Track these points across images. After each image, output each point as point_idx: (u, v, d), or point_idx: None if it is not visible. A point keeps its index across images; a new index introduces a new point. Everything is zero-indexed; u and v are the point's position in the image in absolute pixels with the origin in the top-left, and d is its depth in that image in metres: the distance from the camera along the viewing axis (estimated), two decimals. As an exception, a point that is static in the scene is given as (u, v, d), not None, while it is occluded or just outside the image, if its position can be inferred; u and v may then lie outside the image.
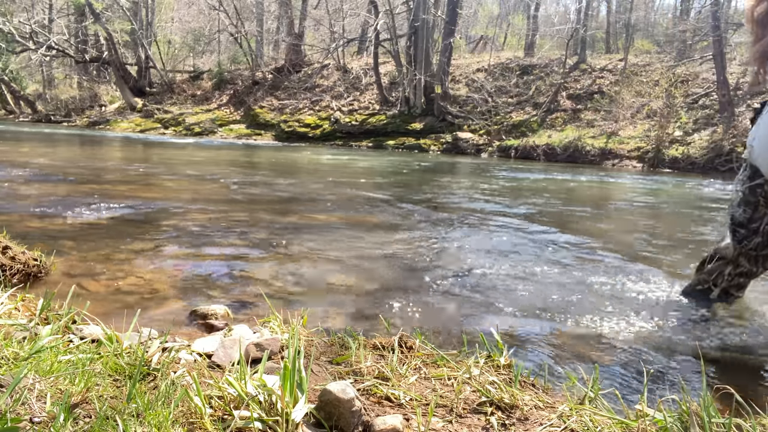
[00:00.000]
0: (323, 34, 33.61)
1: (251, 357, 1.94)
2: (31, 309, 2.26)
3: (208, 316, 2.59)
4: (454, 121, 22.52)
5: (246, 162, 13.13)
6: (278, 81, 28.05)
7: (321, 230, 4.95)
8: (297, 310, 2.72)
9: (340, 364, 1.96)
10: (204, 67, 33.95)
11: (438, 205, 7.07)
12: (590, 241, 5.09)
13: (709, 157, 16.62)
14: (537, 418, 1.64)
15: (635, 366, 2.38)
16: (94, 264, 3.44)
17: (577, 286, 3.53)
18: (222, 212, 5.58)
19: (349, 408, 1.50)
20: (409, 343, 2.11)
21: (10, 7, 30.47)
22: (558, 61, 24.70)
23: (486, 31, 37.81)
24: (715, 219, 7.05)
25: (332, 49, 27.72)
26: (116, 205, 5.55)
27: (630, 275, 3.80)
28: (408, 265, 3.88)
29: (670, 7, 39.63)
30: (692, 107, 19.44)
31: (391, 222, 5.59)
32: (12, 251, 2.94)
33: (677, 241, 5.41)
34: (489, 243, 4.77)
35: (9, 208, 5.13)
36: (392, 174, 11.73)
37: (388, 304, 3.05)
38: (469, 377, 1.85)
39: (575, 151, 19.07)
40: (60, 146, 14.50)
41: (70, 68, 36.18)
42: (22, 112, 31.59)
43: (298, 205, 6.41)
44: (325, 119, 24.50)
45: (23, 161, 9.40)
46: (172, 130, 25.77)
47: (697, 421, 1.49)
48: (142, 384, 1.63)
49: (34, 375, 1.54)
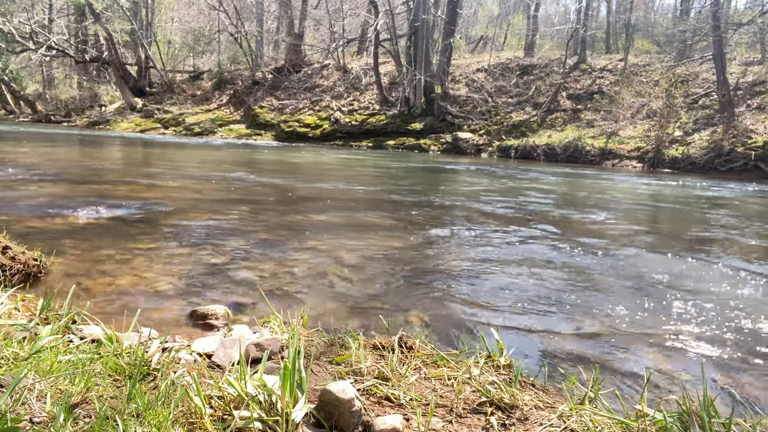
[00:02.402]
0: (323, 34, 33.62)
1: (251, 357, 1.94)
2: (31, 309, 2.26)
3: (208, 316, 2.59)
4: (454, 121, 22.53)
5: (246, 162, 13.13)
6: (278, 81, 28.06)
7: (321, 230, 4.95)
8: (297, 310, 2.72)
9: (340, 364, 1.96)
10: (204, 67, 33.96)
11: (438, 205, 7.07)
12: (591, 243, 5.09)
13: (709, 157, 16.62)
14: (537, 418, 1.64)
15: (635, 365, 2.38)
16: (94, 264, 3.44)
17: (581, 284, 3.53)
18: (222, 212, 5.58)
19: (349, 408, 1.50)
20: (409, 343, 2.11)
21: (10, 7, 30.47)
22: (558, 61, 24.71)
23: (486, 31, 37.80)
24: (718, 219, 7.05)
25: (332, 49, 27.71)
26: (116, 205, 5.55)
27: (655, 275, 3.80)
28: (408, 265, 3.88)
29: (670, 7, 39.64)
30: (692, 107, 19.44)
31: (392, 222, 5.59)
32: (12, 251, 2.94)
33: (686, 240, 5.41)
34: (489, 243, 4.76)
35: (9, 208, 5.13)
36: (392, 174, 11.73)
37: (388, 303, 3.05)
38: (469, 377, 1.85)
39: (575, 151, 19.07)
40: (60, 146, 14.50)
41: (70, 68, 36.18)
42: (22, 112, 31.59)
43: (298, 206, 6.41)
44: (325, 119, 24.51)
45: (23, 161, 9.40)
46: (172, 130, 25.77)
47: (697, 421, 1.49)
48: (142, 384, 1.63)
49: (34, 375, 1.54)
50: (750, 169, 15.88)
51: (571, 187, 10.84)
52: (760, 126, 17.08)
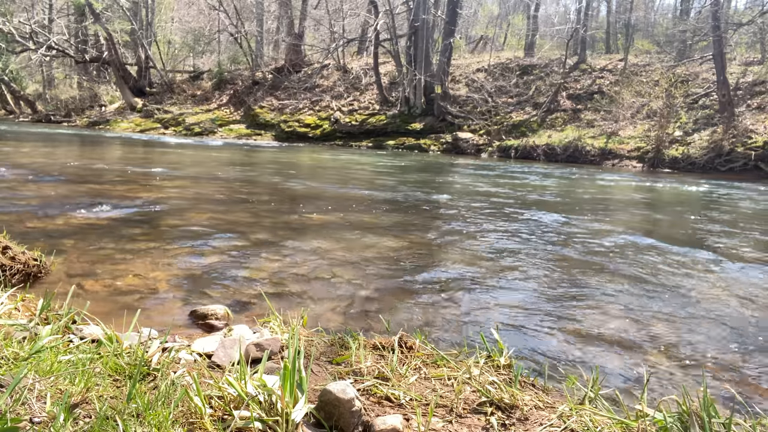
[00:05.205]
0: (323, 34, 33.60)
1: (251, 357, 1.94)
2: (31, 309, 2.26)
3: (208, 316, 2.59)
4: (454, 121, 22.52)
5: (246, 162, 13.13)
6: (278, 81, 28.04)
7: (321, 230, 4.95)
8: (297, 310, 2.72)
9: (340, 364, 1.96)
10: (204, 67, 33.95)
11: (438, 205, 7.07)
12: (593, 243, 5.08)
13: (709, 157, 16.61)
14: (537, 418, 1.64)
15: (635, 365, 2.38)
16: (94, 264, 3.44)
17: (582, 284, 3.53)
18: (222, 212, 5.58)
19: (349, 408, 1.50)
20: (409, 343, 2.11)
21: (10, 7, 30.45)
22: (558, 61, 24.70)
23: (486, 31, 37.79)
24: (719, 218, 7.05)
25: (332, 49, 27.69)
26: (116, 205, 5.55)
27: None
28: (408, 265, 3.88)
29: (670, 7, 39.62)
30: (692, 107, 19.44)
31: (392, 222, 5.59)
32: (12, 251, 2.94)
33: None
34: (489, 243, 4.77)
35: (9, 208, 5.13)
36: (392, 174, 11.73)
37: (388, 303, 3.05)
38: (469, 377, 1.85)
39: (575, 151, 19.07)
40: (60, 146, 14.49)
41: (70, 68, 36.16)
42: (22, 112, 31.58)
43: (298, 206, 6.41)
44: (325, 119, 24.50)
45: (24, 161, 9.40)
46: (172, 130, 25.76)
47: (697, 421, 1.49)
48: (142, 384, 1.63)
49: (34, 375, 1.54)
50: (750, 169, 15.88)
51: (571, 187, 10.85)
52: (760, 126, 17.08)
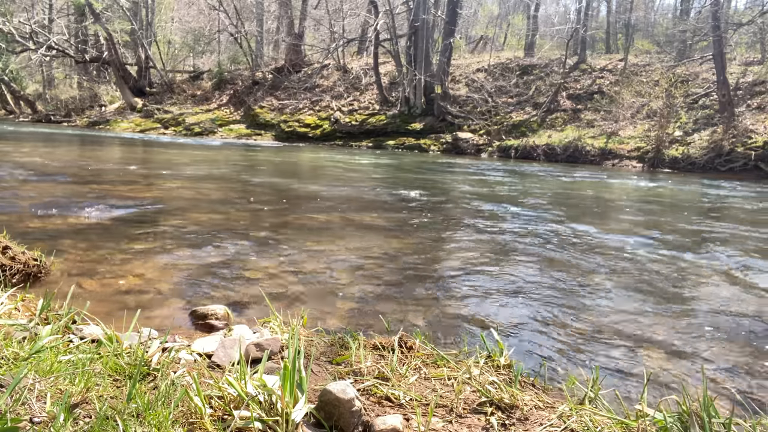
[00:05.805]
0: (323, 34, 33.60)
1: (251, 357, 1.94)
2: (31, 309, 2.26)
3: (208, 317, 2.59)
4: (454, 121, 22.52)
5: (245, 162, 13.13)
6: (278, 81, 28.04)
7: (321, 230, 4.95)
8: (297, 311, 2.72)
9: (340, 364, 1.96)
10: (204, 67, 33.94)
11: (438, 205, 7.07)
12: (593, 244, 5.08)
13: (709, 157, 16.61)
14: (537, 418, 1.64)
15: (635, 365, 2.38)
16: (94, 264, 3.44)
17: (582, 283, 3.53)
18: (222, 212, 5.58)
19: (349, 408, 1.50)
20: (409, 343, 2.11)
21: (10, 7, 30.45)
22: (558, 61, 24.70)
23: (486, 31, 37.79)
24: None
25: (332, 49, 27.69)
26: (116, 205, 5.55)
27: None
28: (408, 264, 3.88)
29: (670, 7, 39.61)
30: (692, 107, 19.44)
31: (392, 222, 5.59)
32: (12, 251, 2.94)
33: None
34: (490, 243, 4.76)
35: (9, 208, 5.13)
36: (392, 174, 11.73)
37: (388, 303, 3.05)
38: (469, 377, 1.85)
39: (575, 151, 19.07)
40: (60, 146, 14.49)
41: (70, 68, 36.16)
42: (22, 112, 31.57)
43: (298, 205, 6.41)
44: (325, 119, 24.50)
45: (24, 161, 9.40)
46: (172, 130, 25.75)
47: (697, 421, 1.49)
48: (142, 384, 1.63)
49: (34, 375, 1.54)
50: (750, 169, 15.88)
51: (572, 187, 10.84)
52: (760, 126, 17.07)
